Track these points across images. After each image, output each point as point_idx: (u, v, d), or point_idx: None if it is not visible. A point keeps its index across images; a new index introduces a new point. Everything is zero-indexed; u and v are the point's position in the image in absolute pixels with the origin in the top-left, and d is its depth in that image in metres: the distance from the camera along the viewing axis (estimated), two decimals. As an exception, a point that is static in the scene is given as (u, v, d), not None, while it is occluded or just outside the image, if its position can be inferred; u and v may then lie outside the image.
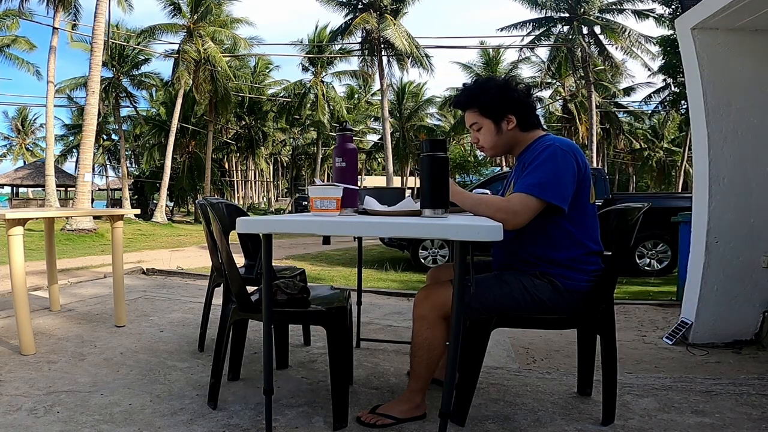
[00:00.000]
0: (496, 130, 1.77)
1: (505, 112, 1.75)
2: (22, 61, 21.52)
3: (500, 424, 1.77)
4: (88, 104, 12.72)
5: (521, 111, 1.76)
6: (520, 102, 1.76)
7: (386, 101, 22.91)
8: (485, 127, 1.78)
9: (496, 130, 1.77)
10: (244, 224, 1.46)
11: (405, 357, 2.42)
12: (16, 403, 1.86)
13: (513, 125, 1.75)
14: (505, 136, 1.77)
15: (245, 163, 38.34)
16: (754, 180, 2.75)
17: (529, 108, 1.79)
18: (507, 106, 1.75)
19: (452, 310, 1.37)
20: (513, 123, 1.75)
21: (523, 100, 1.78)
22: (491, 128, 1.77)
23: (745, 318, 2.78)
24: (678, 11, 10.71)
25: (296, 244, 10.86)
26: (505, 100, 1.75)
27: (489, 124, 1.77)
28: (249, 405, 1.90)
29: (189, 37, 20.94)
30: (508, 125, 1.76)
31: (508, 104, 1.75)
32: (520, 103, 1.76)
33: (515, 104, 1.75)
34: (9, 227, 2.34)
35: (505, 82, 1.80)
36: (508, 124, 1.76)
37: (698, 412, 1.88)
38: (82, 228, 12.54)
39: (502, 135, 1.77)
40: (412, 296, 3.76)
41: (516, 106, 1.75)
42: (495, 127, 1.77)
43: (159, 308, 3.57)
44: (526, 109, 1.77)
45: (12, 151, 39.97)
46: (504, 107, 1.75)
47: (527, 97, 1.80)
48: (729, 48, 2.73)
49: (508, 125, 1.76)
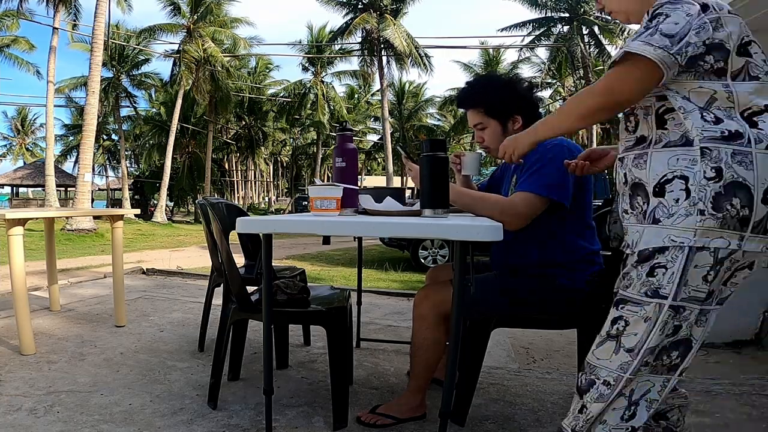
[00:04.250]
0: (503, 131, 1.75)
1: (512, 113, 1.74)
2: (22, 61, 21.56)
3: (500, 424, 1.77)
4: (88, 104, 12.72)
5: (527, 111, 1.75)
6: (526, 102, 1.76)
7: (386, 101, 22.92)
8: (491, 127, 1.77)
9: (502, 130, 1.76)
10: (244, 224, 1.46)
11: (405, 357, 2.42)
12: (16, 403, 1.86)
13: (519, 125, 1.74)
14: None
15: (245, 163, 38.34)
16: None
17: (534, 108, 1.78)
18: (514, 107, 1.74)
19: (452, 310, 1.36)
20: (519, 123, 1.74)
21: (529, 99, 1.77)
22: (497, 129, 1.76)
23: (745, 318, 2.78)
24: (678, 11, 10.66)
25: (296, 244, 10.86)
26: (512, 101, 1.74)
27: (495, 125, 1.76)
28: (249, 405, 1.90)
29: (189, 37, 20.95)
30: (514, 125, 1.75)
31: (514, 104, 1.74)
32: (526, 102, 1.76)
33: (522, 104, 1.75)
34: (9, 227, 2.34)
35: (510, 81, 1.79)
36: (514, 125, 1.75)
37: (698, 412, 1.88)
38: (82, 228, 12.54)
39: (509, 135, 1.77)
40: (412, 296, 3.76)
41: (522, 106, 1.75)
42: (501, 128, 1.76)
43: (159, 308, 3.57)
44: (531, 108, 1.77)
45: (12, 151, 39.98)
46: (511, 107, 1.74)
47: (532, 96, 1.79)
48: (729, 48, 2.73)
49: (514, 125, 1.75)
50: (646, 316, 1.15)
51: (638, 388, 1.19)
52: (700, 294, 1.13)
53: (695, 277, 1.11)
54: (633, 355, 1.16)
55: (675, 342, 1.17)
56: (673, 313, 1.14)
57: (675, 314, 1.14)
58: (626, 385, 1.18)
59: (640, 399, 1.19)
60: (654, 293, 1.14)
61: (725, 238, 1.08)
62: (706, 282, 1.12)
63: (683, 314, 1.14)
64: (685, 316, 1.14)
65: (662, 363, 1.18)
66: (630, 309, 1.18)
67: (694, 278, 1.12)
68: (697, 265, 1.10)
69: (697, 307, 1.14)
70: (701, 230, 1.09)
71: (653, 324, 1.14)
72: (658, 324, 1.14)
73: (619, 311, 1.20)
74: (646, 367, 1.17)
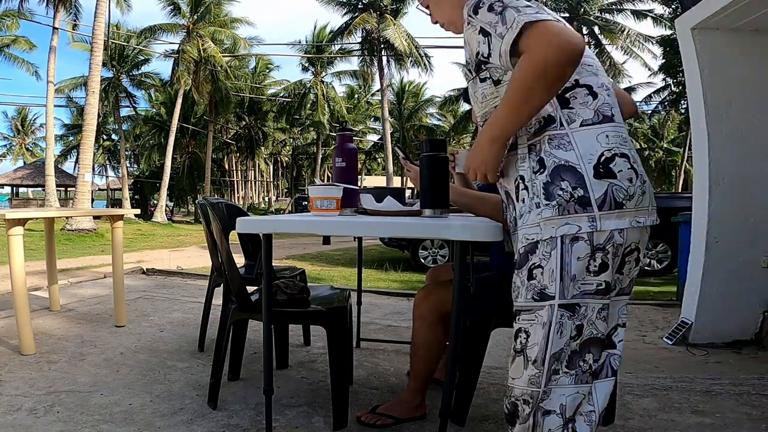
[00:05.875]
0: None
1: None
2: (22, 61, 21.52)
3: (500, 424, 1.77)
4: (88, 104, 12.71)
5: None
6: None
7: (386, 101, 22.91)
8: None
9: None
10: (244, 224, 1.46)
11: (405, 357, 2.42)
12: (16, 403, 1.86)
13: None
14: None
15: (245, 163, 38.32)
16: (754, 180, 2.75)
17: None
18: None
19: (452, 310, 1.36)
20: None
21: None
22: None
23: (745, 318, 2.78)
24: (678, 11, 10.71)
25: (296, 244, 10.86)
26: None
27: None
28: (249, 405, 1.90)
29: (189, 37, 20.93)
30: None
31: None
32: None
33: None
34: (9, 227, 2.34)
35: None
36: None
37: (698, 412, 1.88)
38: (82, 228, 12.54)
39: None
40: (412, 296, 3.76)
41: None
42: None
43: (159, 308, 3.57)
44: None
45: (12, 151, 39.95)
46: None
47: None
48: (729, 48, 2.74)
49: None
50: (543, 321, 1.08)
51: (569, 404, 1.09)
52: (589, 287, 1.07)
53: (578, 269, 1.06)
54: (538, 365, 1.08)
55: (583, 343, 1.10)
56: (568, 313, 1.07)
57: (571, 314, 1.07)
58: (545, 399, 1.09)
59: (575, 415, 1.10)
60: (541, 295, 1.08)
61: (571, 223, 1.04)
62: (593, 273, 1.06)
63: (580, 311, 1.08)
64: (582, 313, 1.08)
65: (582, 370, 1.11)
66: (525, 318, 1.12)
67: (577, 271, 1.06)
68: (579, 258, 1.05)
69: (592, 301, 1.08)
70: (543, 222, 1.07)
71: (549, 327, 1.07)
72: (554, 327, 1.07)
73: (518, 323, 1.13)
74: (558, 376, 1.09)
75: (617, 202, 1.05)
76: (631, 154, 1.09)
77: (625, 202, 1.05)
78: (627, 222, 1.05)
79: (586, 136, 1.07)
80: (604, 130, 1.08)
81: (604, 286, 1.08)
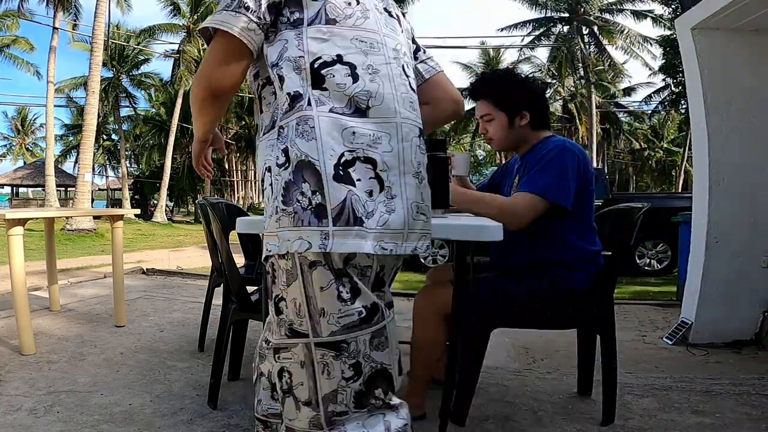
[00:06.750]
0: (509, 125, 1.76)
1: (521, 108, 1.75)
2: (22, 61, 21.54)
3: (500, 424, 1.77)
4: (88, 104, 12.72)
5: (536, 109, 1.76)
6: (536, 100, 1.77)
7: (386, 101, 22.89)
8: (498, 119, 1.77)
9: (508, 124, 1.76)
10: (244, 224, 1.46)
11: (405, 357, 2.42)
12: (16, 403, 1.85)
13: (526, 122, 1.75)
14: (516, 131, 1.77)
15: (245, 163, 38.30)
16: (754, 180, 2.75)
17: (543, 107, 1.79)
18: (523, 102, 1.75)
19: (452, 310, 1.37)
20: (526, 119, 1.75)
21: (540, 98, 1.78)
22: (504, 122, 1.76)
23: (745, 318, 2.78)
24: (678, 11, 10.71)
25: (296, 244, 10.84)
26: (523, 96, 1.75)
27: (502, 117, 1.76)
28: (249, 405, 1.89)
29: (189, 37, 20.94)
30: (521, 121, 1.75)
31: (525, 100, 1.75)
32: (536, 101, 1.77)
33: (532, 101, 1.76)
34: (9, 227, 2.34)
35: (525, 77, 1.80)
36: (521, 120, 1.75)
37: (698, 412, 1.88)
38: (82, 228, 12.54)
39: (514, 130, 1.76)
40: (412, 296, 3.76)
41: (532, 103, 1.76)
42: (508, 121, 1.76)
43: (159, 308, 3.57)
44: (540, 108, 1.77)
45: (12, 151, 39.93)
46: (520, 103, 1.75)
47: (543, 96, 1.80)
48: (729, 48, 2.74)
49: (521, 121, 1.75)
50: (301, 361, 0.90)
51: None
52: (350, 318, 0.87)
53: (327, 302, 0.86)
54: (314, 407, 0.90)
55: (368, 382, 0.91)
56: (332, 353, 0.88)
57: (337, 353, 0.88)
58: None
59: None
60: (292, 332, 0.90)
61: (303, 238, 0.84)
62: (348, 302, 0.87)
63: (351, 349, 0.88)
64: (354, 350, 0.88)
65: (376, 406, 0.93)
66: (284, 356, 0.93)
67: (326, 305, 0.87)
68: (322, 287, 0.86)
69: (360, 334, 0.88)
70: (281, 232, 0.87)
71: (313, 368, 0.89)
72: (317, 367, 0.89)
73: (278, 362, 0.95)
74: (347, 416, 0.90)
75: (356, 217, 0.84)
76: (383, 159, 0.87)
77: (364, 218, 0.85)
78: (370, 245, 0.85)
79: (331, 126, 0.85)
80: (352, 125, 0.86)
81: (366, 313, 0.89)
